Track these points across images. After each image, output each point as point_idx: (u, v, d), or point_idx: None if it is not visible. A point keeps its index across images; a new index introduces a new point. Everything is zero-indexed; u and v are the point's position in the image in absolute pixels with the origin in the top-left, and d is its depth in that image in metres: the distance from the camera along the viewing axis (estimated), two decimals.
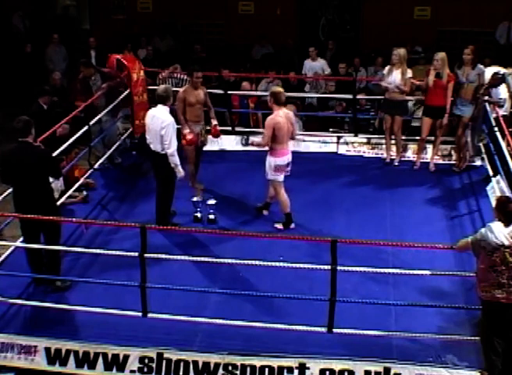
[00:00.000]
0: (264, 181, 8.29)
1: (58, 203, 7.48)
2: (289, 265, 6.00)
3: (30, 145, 6.34)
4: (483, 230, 5.27)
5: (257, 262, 6.00)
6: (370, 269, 5.86)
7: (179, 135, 7.79)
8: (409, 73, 9.10)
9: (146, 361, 5.76)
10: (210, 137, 8.48)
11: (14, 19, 14.97)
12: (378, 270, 5.89)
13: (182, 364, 5.73)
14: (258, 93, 10.86)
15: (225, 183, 8.81)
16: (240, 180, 8.94)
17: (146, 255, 5.87)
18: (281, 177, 7.57)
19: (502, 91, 8.76)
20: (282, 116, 7.44)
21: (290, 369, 5.63)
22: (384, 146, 9.73)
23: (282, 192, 7.60)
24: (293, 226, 7.64)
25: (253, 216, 7.97)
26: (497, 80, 8.70)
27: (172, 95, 7.53)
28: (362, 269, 5.87)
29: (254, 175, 8.29)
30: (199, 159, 8.36)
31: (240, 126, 10.53)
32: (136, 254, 5.86)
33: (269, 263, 5.94)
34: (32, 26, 15.09)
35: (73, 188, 8.22)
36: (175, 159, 7.29)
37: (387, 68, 9.31)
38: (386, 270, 6.03)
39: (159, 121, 7.25)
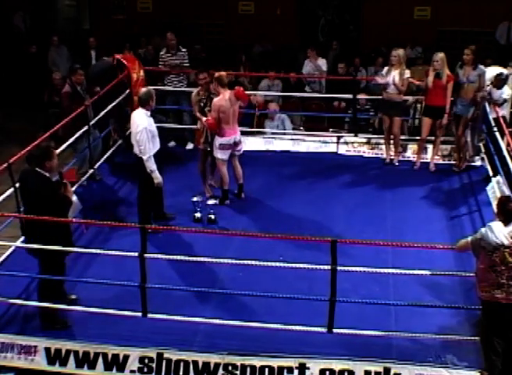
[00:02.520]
0: (263, 181, 8.30)
1: None
2: (289, 265, 6.00)
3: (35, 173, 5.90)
4: (483, 229, 5.26)
5: (257, 262, 6.00)
6: (370, 269, 5.85)
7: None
8: (407, 74, 9.08)
9: (146, 361, 5.76)
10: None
11: (15, 19, 15.00)
12: (378, 270, 5.88)
13: (182, 364, 5.73)
14: (259, 93, 10.87)
15: None
16: None
17: (146, 255, 5.87)
18: (225, 156, 8.02)
19: (505, 92, 8.76)
20: (227, 98, 7.88)
21: (290, 369, 5.62)
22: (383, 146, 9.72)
23: (224, 170, 8.09)
24: (227, 202, 8.15)
25: (253, 216, 7.97)
26: (500, 81, 8.70)
27: (154, 98, 7.37)
28: (362, 269, 5.85)
29: (254, 175, 8.29)
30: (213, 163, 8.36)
31: (243, 126, 10.51)
32: (136, 254, 5.87)
33: (269, 263, 5.94)
34: (33, 26, 15.11)
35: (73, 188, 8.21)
36: (150, 165, 7.24)
37: (386, 68, 9.29)
38: (386, 270, 6.03)
39: (135, 125, 7.27)
